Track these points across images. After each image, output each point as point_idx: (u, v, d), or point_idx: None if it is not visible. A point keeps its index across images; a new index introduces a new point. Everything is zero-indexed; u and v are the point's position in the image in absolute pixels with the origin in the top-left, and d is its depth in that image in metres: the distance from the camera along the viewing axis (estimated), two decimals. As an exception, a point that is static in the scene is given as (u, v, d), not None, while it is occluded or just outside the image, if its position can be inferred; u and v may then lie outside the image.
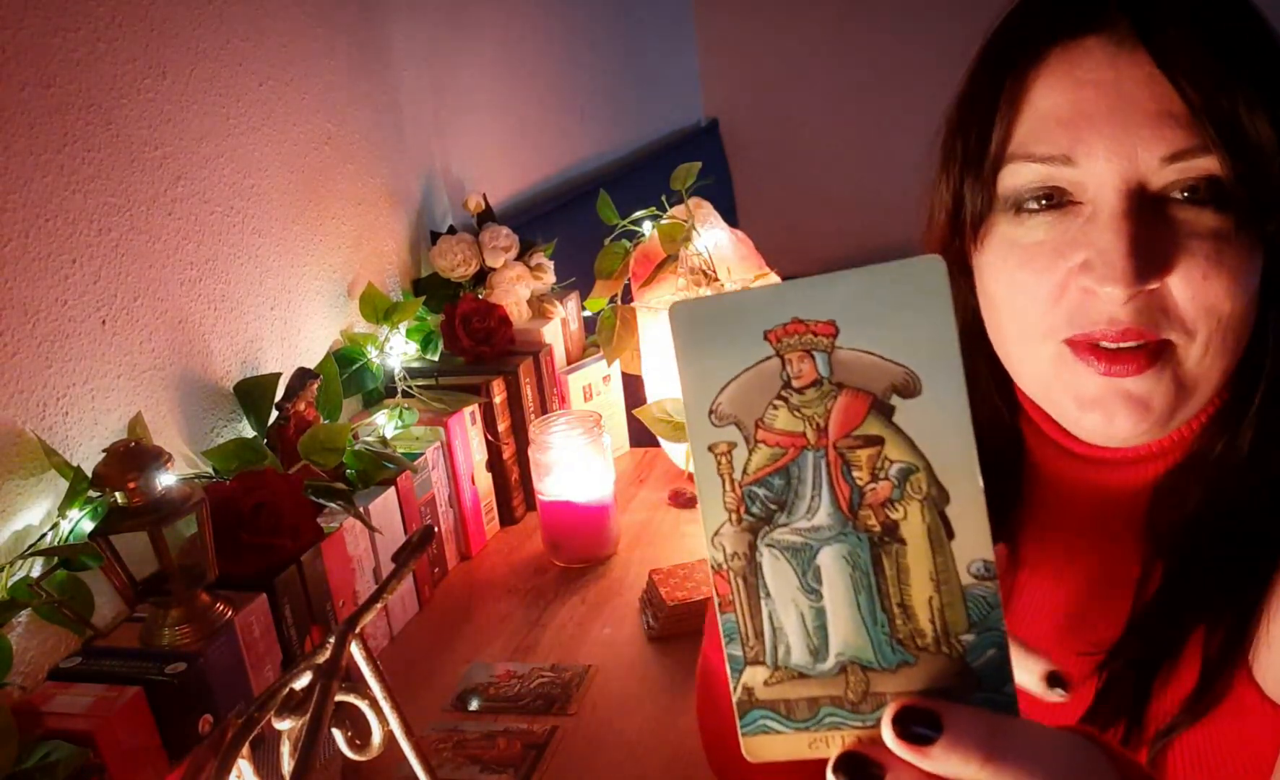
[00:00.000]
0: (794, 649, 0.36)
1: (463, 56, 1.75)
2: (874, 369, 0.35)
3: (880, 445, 0.35)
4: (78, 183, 0.99)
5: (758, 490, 0.37)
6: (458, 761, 0.95)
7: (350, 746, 0.60)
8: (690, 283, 1.37)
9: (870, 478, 0.35)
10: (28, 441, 0.93)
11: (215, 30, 1.17)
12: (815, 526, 0.36)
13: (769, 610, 0.37)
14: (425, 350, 1.45)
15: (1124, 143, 0.55)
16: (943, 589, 0.35)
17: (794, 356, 0.36)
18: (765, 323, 0.36)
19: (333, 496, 1.09)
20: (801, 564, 0.36)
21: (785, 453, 0.36)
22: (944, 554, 0.35)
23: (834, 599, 0.36)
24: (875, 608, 0.35)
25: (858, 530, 0.36)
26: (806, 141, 3.20)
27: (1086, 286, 0.57)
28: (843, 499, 0.36)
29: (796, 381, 0.36)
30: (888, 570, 0.35)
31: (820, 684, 0.36)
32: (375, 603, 0.63)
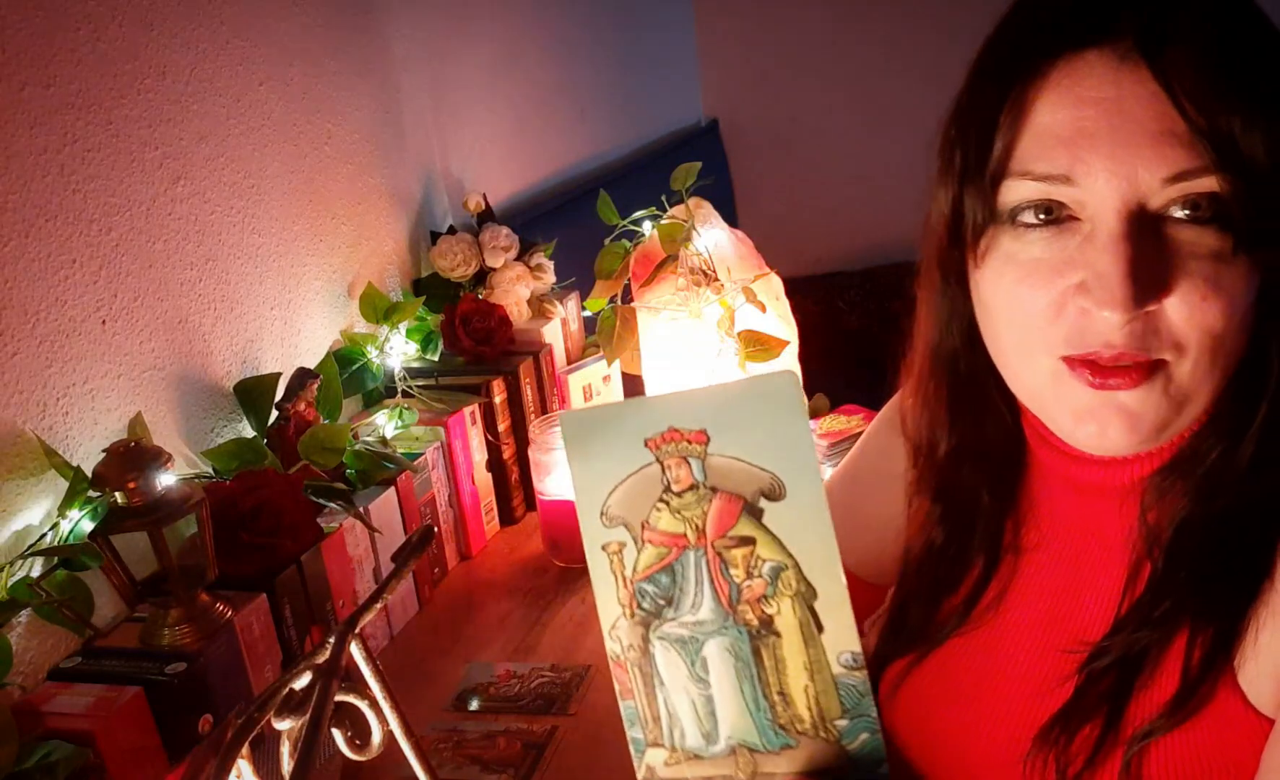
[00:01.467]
0: (688, 732, 0.39)
1: (463, 56, 1.75)
2: (743, 474, 0.37)
3: (753, 545, 0.38)
4: (78, 183, 0.99)
5: (647, 587, 0.39)
6: (457, 761, 0.95)
7: (350, 746, 0.60)
8: (690, 283, 1.37)
9: (746, 575, 0.38)
10: (28, 441, 0.93)
11: (215, 30, 1.17)
12: (700, 621, 0.38)
13: (664, 697, 0.39)
14: (425, 350, 1.45)
15: (1124, 162, 0.54)
16: (816, 678, 0.37)
17: (672, 462, 0.38)
18: (645, 431, 0.38)
19: (333, 496, 1.09)
20: (690, 655, 0.39)
21: (670, 552, 0.39)
22: (816, 646, 0.37)
23: (720, 687, 0.38)
24: (758, 695, 0.38)
25: (738, 624, 0.38)
26: (806, 141, 3.20)
27: (1084, 307, 0.57)
28: (723, 595, 0.38)
29: (675, 486, 0.38)
30: (766, 661, 0.38)
31: (714, 764, 0.38)
32: (375, 603, 0.63)
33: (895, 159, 1.90)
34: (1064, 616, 0.68)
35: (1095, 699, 0.62)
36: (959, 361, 0.70)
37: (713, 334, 1.36)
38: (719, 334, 1.36)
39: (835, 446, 1.37)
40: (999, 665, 0.71)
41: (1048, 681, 0.66)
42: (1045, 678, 0.67)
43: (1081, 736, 0.62)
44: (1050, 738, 0.64)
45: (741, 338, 1.35)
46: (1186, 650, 0.59)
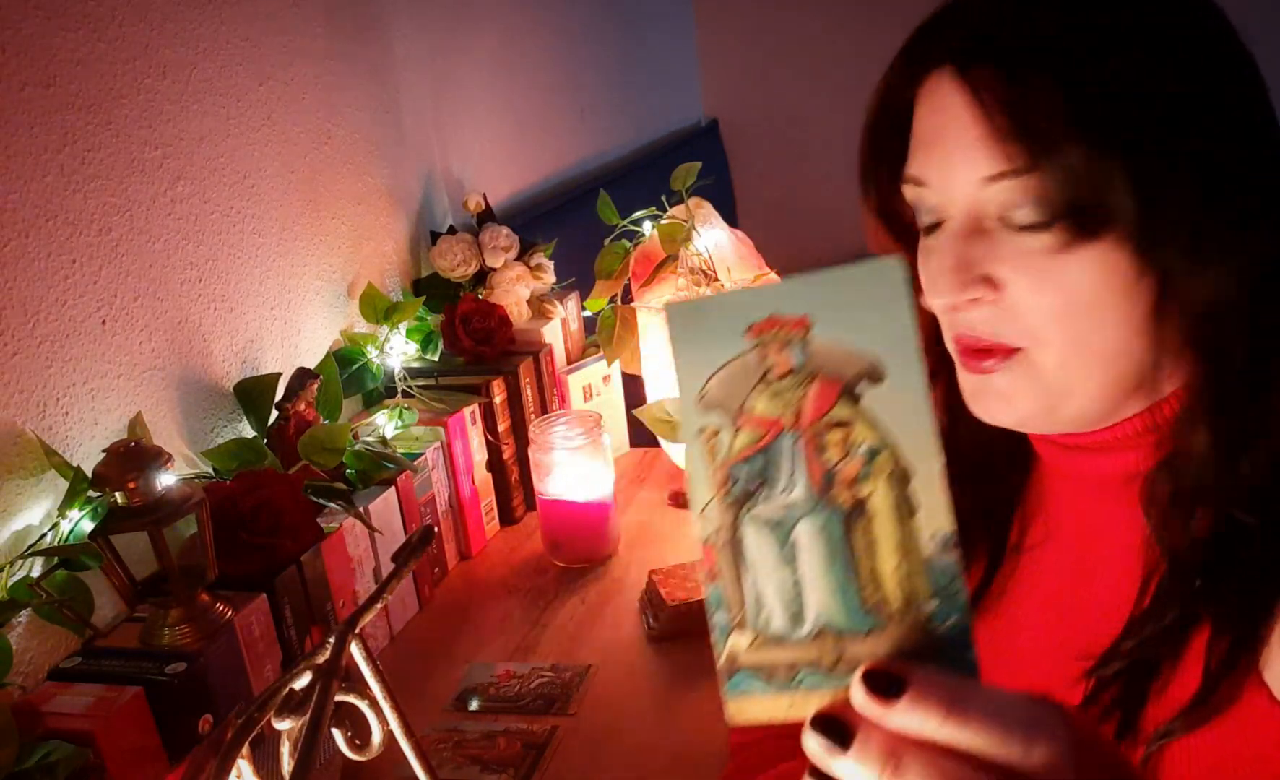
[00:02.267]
0: (774, 616, 0.39)
1: (463, 56, 1.75)
2: (844, 357, 0.38)
3: (849, 427, 0.38)
4: (78, 183, 0.99)
5: (740, 469, 0.40)
6: (458, 761, 0.95)
7: (350, 746, 0.60)
8: (690, 283, 1.37)
9: (841, 457, 0.38)
10: (28, 441, 0.93)
11: (215, 30, 1.17)
12: (792, 503, 0.39)
13: (751, 580, 0.40)
14: (425, 350, 1.45)
15: (950, 167, 0.59)
16: (908, 559, 0.38)
17: (772, 348, 0.39)
18: (747, 318, 0.39)
19: (333, 496, 1.09)
20: (780, 537, 0.39)
21: (765, 435, 0.39)
22: (908, 527, 0.38)
23: (809, 569, 0.39)
24: (847, 576, 0.38)
25: (830, 506, 0.39)
26: (806, 141, 3.20)
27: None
28: (816, 477, 0.39)
29: (774, 371, 0.39)
30: (858, 542, 0.38)
31: (798, 649, 0.39)
32: (375, 603, 0.63)
33: (895, 159, 1.90)
34: (1075, 616, 0.68)
35: (1110, 702, 0.62)
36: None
37: (713, 334, 1.36)
38: (719, 334, 1.36)
39: (835, 446, 1.37)
40: (1007, 666, 0.71)
41: (1058, 683, 0.66)
42: (1056, 679, 0.66)
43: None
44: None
45: (741, 338, 1.35)
46: (1207, 649, 0.58)
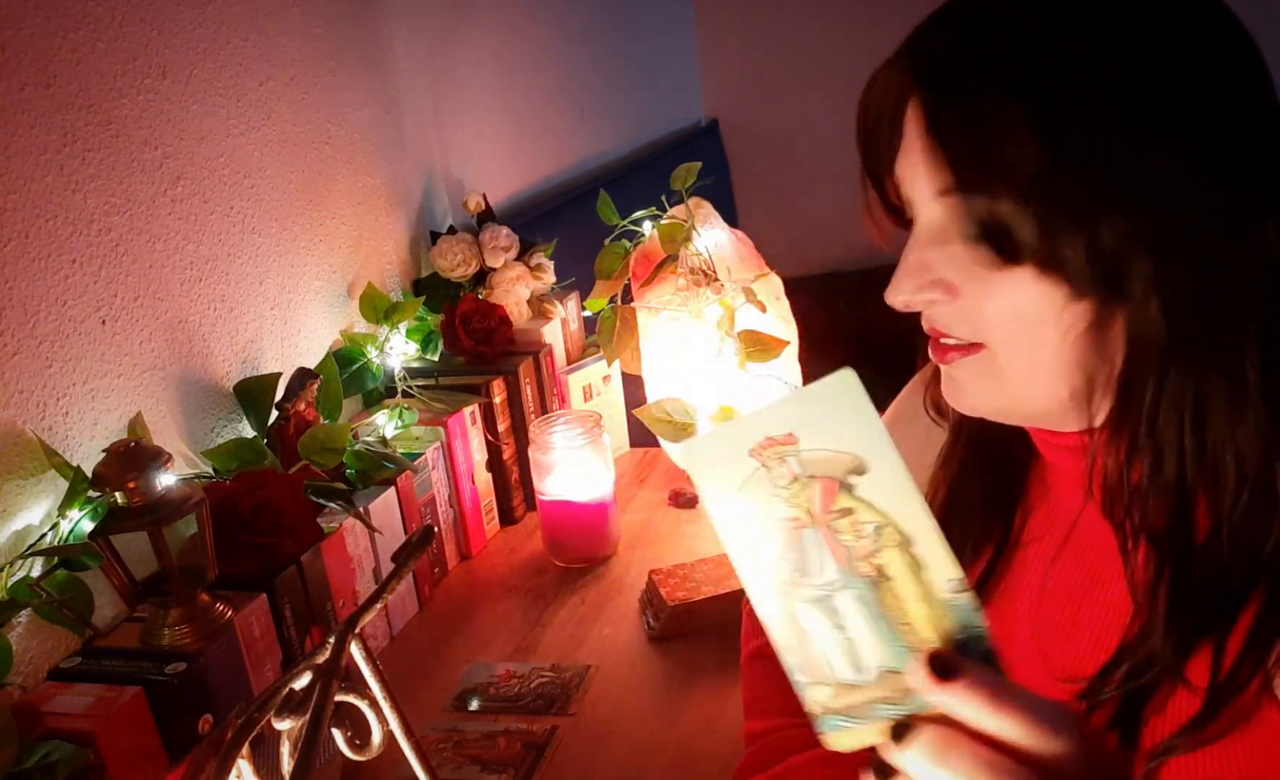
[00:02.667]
0: (843, 669, 0.48)
1: (463, 56, 1.75)
2: (831, 461, 0.46)
3: (854, 513, 0.46)
4: (78, 183, 0.99)
5: (782, 565, 0.48)
6: (458, 761, 0.95)
7: (350, 746, 0.60)
8: (690, 283, 1.37)
9: (855, 538, 0.47)
10: (28, 441, 0.93)
11: (215, 30, 1.17)
12: (828, 581, 0.48)
13: (816, 645, 0.48)
14: (425, 350, 1.45)
15: (912, 174, 0.62)
16: (930, 605, 0.46)
17: (774, 463, 0.47)
18: (747, 444, 0.47)
19: (333, 496, 1.09)
20: (825, 610, 0.48)
21: (792, 535, 0.48)
22: (923, 580, 0.46)
23: (857, 630, 0.47)
24: (889, 629, 0.47)
25: (857, 577, 0.47)
26: (806, 141, 3.20)
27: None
28: (841, 558, 0.47)
29: (781, 481, 0.47)
30: (887, 601, 0.47)
31: (870, 690, 0.48)
32: (375, 603, 0.63)
33: (895, 159, 1.90)
34: (1074, 611, 0.68)
35: (1108, 717, 0.61)
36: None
37: (713, 334, 1.36)
38: (719, 334, 1.36)
39: (835, 446, 1.37)
40: (1005, 657, 0.70)
41: (1055, 675, 0.65)
42: (1053, 673, 0.66)
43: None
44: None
45: (741, 338, 1.35)
46: (1214, 658, 0.58)
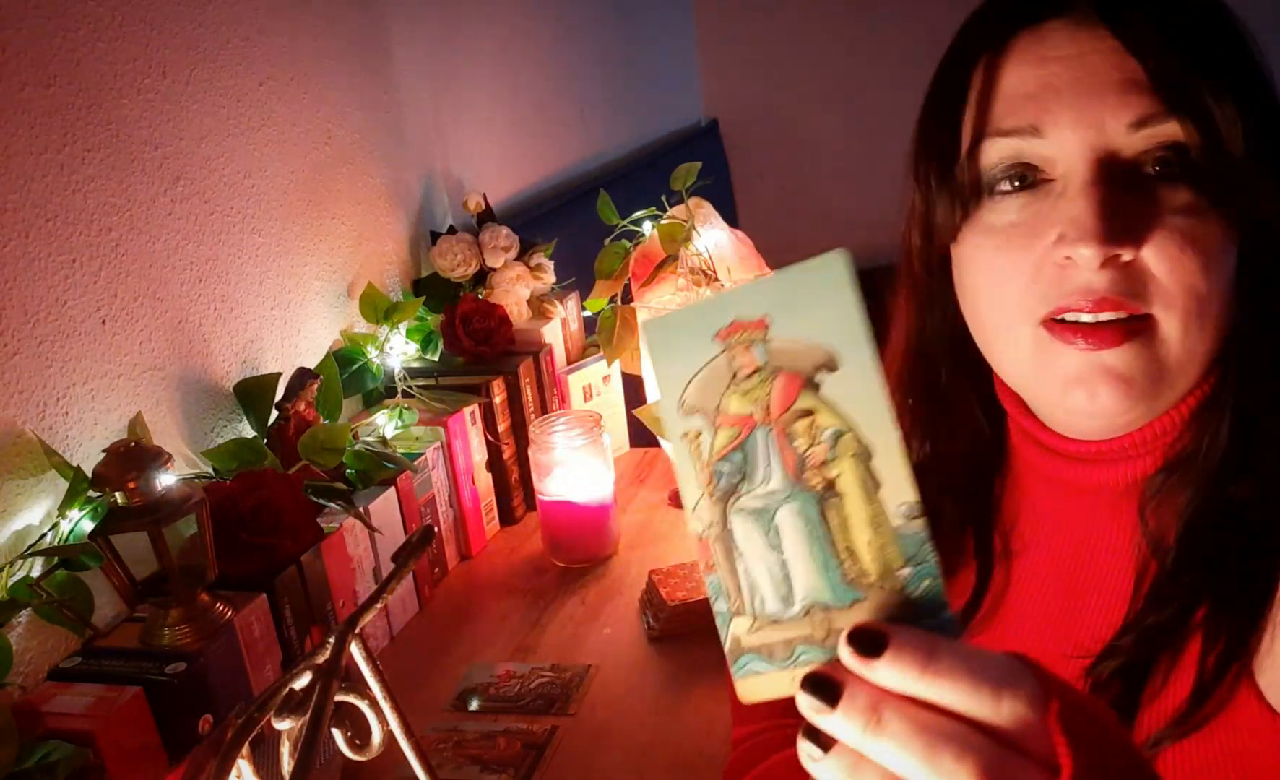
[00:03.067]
0: (767, 599, 0.43)
1: (463, 56, 1.75)
2: (801, 352, 0.41)
3: (813, 415, 0.42)
4: (78, 183, 0.99)
5: (723, 466, 0.43)
6: (458, 761, 0.95)
7: (350, 746, 0.60)
8: (690, 283, 1.37)
9: (809, 444, 0.42)
10: (28, 441, 0.93)
11: (215, 30, 1.17)
12: (771, 491, 0.42)
13: (743, 568, 0.43)
14: (425, 350, 1.45)
15: (1089, 111, 0.56)
16: (879, 531, 0.41)
17: (738, 351, 0.42)
18: (713, 325, 0.42)
19: (333, 496, 1.09)
20: (764, 524, 0.43)
21: (740, 432, 0.43)
22: (875, 502, 0.41)
23: (793, 551, 0.42)
24: (827, 555, 0.42)
25: (805, 490, 0.42)
26: (806, 141, 3.20)
27: (1060, 261, 0.58)
28: (789, 465, 0.42)
29: (742, 371, 0.42)
30: (832, 521, 0.42)
31: (792, 627, 0.42)
32: (375, 603, 0.63)
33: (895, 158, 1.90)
34: (1065, 622, 0.67)
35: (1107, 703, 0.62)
36: (938, 367, 0.71)
37: (713, 334, 1.36)
38: (719, 334, 1.36)
39: (835, 446, 1.37)
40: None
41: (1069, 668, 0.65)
42: (1066, 666, 0.66)
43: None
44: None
45: (741, 338, 1.35)
46: (1200, 655, 0.58)
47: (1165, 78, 0.54)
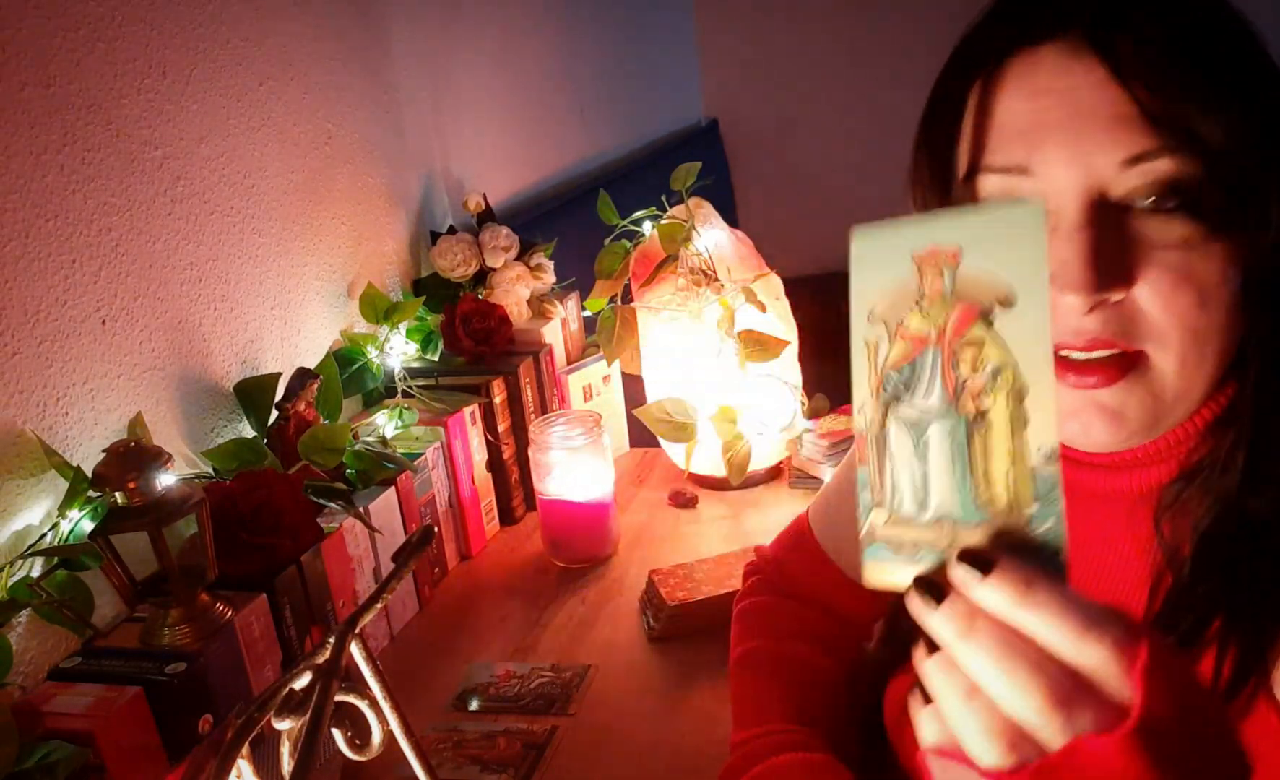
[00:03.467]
0: (905, 500, 0.47)
1: (463, 56, 1.75)
2: (984, 285, 0.44)
3: (981, 346, 0.45)
4: (78, 183, 0.99)
5: (892, 376, 0.47)
6: (457, 761, 0.95)
7: (350, 746, 0.60)
8: (690, 283, 1.37)
9: (971, 371, 0.45)
10: (28, 441, 0.93)
11: (215, 30, 1.17)
12: (928, 407, 0.46)
13: (890, 467, 0.47)
14: (425, 350, 1.45)
15: (1080, 149, 0.55)
16: (1017, 466, 0.44)
17: (930, 274, 0.46)
18: (912, 246, 0.46)
19: (333, 496, 1.09)
20: (916, 435, 0.47)
21: (913, 348, 0.47)
22: (1020, 438, 0.44)
23: (935, 465, 0.46)
24: (965, 475, 0.45)
25: (958, 413, 0.46)
26: (806, 141, 3.20)
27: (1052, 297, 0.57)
28: (950, 388, 0.46)
29: (928, 294, 0.46)
30: (976, 447, 0.45)
31: (921, 530, 0.46)
32: (375, 603, 0.63)
33: (895, 158, 1.90)
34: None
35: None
36: None
37: (713, 334, 1.36)
38: (719, 334, 1.36)
39: (835, 447, 1.37)
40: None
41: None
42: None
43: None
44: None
45: (741, 338, 1.35)
46: (1215, 666, 0.57)
47: (1157, 112, 0.53)
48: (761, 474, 1.44)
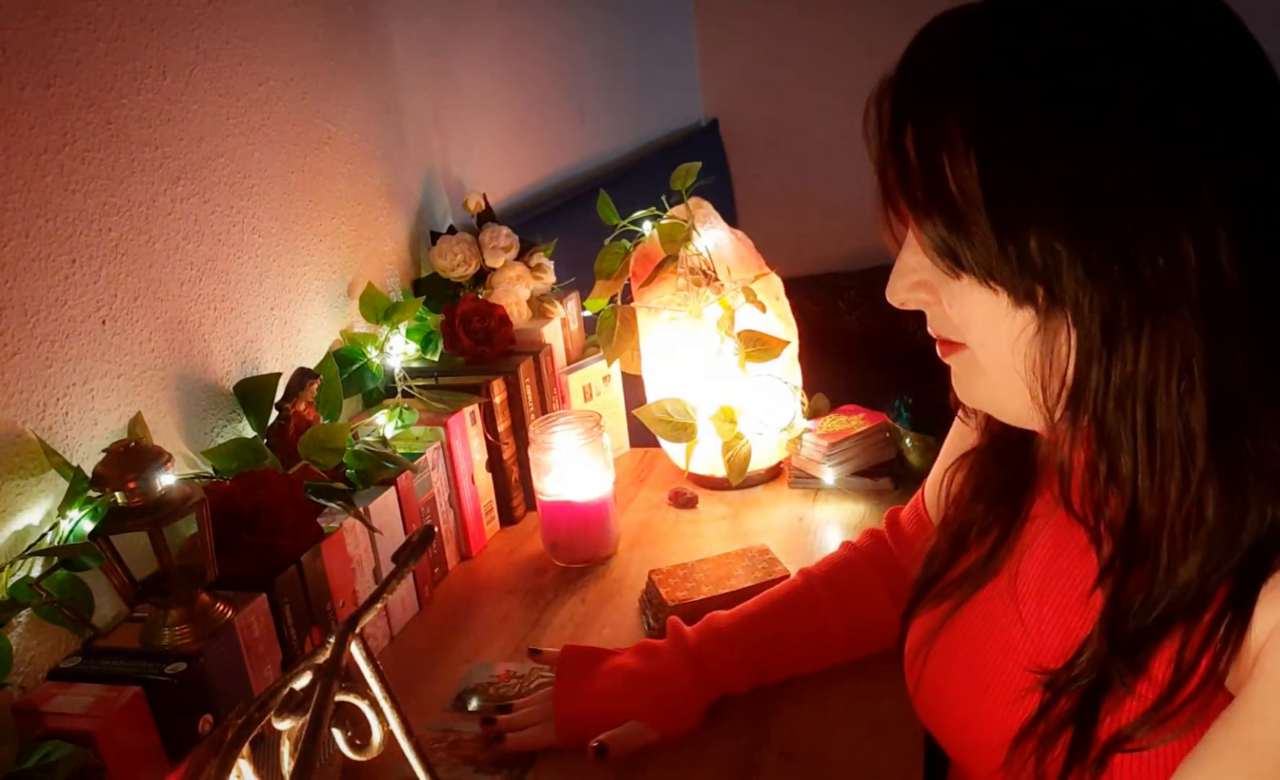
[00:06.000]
0: None
1: (463, 56, 1.75)
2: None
3: None
4: (78, 183, 0.99)
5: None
6: (452, 762, 0.95)
7: (350, 746, 0.60)
8: (690, 283, 1.37)
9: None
10: (28, 441, 0.93)
11: (215, 30, 1.17)
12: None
13: None
14: (425, 350, 1.45)
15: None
16: None
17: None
18: None
19: (333, 496, 1.09)
20: None
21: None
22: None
23: None
24: None
25: None
26: (806, 141, 3.20)
27: None
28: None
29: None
30: None
31: None
32: (375, 603, 0.63)
33: (895, 159, 1.90)
34: (1056, 596, 0.69)
35: (1061, 713, 0.64)
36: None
37: (713, 334, 1.36)
38: (719, 334, 1.36)
39: (835, 447, 1.37)
40: (1005, 633, 0.72)
41: (1045, 657, 0.67)
42: (1021, 677, 0.68)
43: (1056, 749, 0.64)
44: (1028, 743, 0.65)
45: (741, 338, 1.35)
46: (1177, 659, 0.59)
47: (902, 179, 0.65)
48: (761, 474, 1.44)
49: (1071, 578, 0.68)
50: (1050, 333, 0.60)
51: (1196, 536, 0.58)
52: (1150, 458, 0.58)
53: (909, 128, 0.62)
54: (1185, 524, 0.58)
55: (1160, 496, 0.58)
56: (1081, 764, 0.62)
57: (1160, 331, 0.56)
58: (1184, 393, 0.56)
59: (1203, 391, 0.56)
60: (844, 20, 3.06)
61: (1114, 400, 0.58)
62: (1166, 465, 0.58)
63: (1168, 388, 0.56)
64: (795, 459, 1.43)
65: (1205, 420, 0.56)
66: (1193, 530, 0.58)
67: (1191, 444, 0.57)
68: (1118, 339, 0.57)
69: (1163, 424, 0.57)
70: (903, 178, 0.62)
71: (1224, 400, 0.56)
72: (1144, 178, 0.55)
